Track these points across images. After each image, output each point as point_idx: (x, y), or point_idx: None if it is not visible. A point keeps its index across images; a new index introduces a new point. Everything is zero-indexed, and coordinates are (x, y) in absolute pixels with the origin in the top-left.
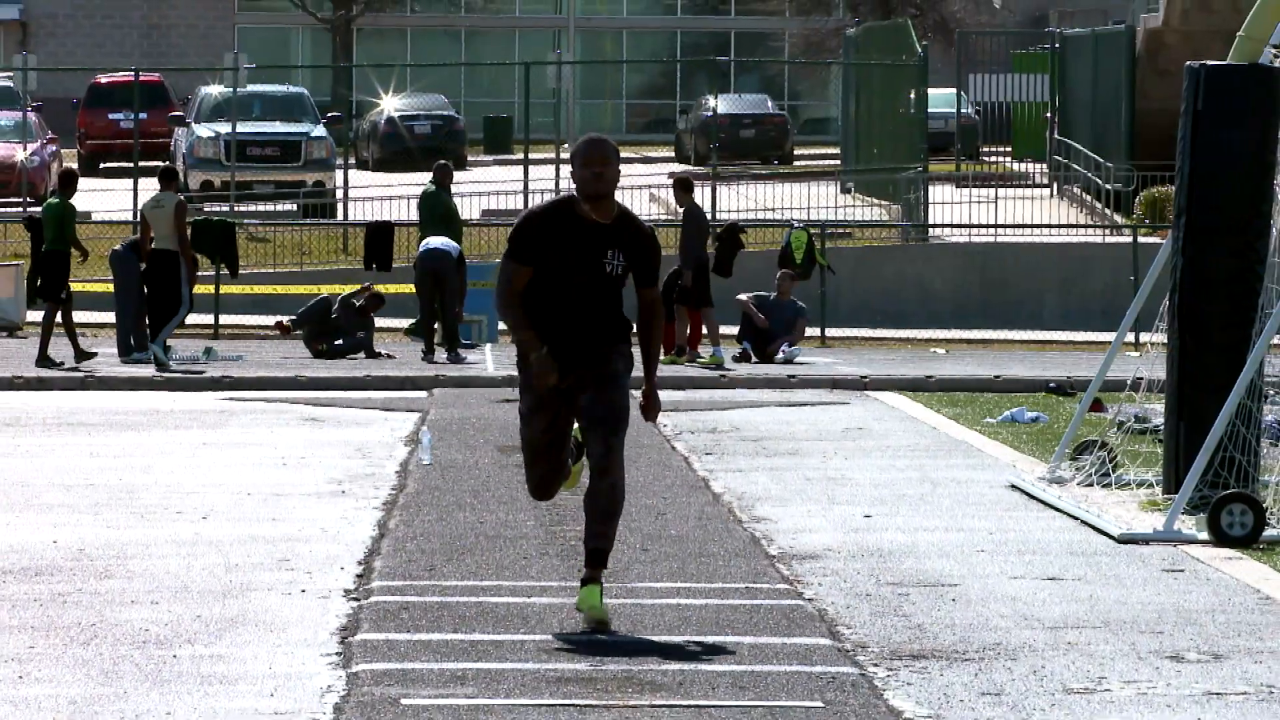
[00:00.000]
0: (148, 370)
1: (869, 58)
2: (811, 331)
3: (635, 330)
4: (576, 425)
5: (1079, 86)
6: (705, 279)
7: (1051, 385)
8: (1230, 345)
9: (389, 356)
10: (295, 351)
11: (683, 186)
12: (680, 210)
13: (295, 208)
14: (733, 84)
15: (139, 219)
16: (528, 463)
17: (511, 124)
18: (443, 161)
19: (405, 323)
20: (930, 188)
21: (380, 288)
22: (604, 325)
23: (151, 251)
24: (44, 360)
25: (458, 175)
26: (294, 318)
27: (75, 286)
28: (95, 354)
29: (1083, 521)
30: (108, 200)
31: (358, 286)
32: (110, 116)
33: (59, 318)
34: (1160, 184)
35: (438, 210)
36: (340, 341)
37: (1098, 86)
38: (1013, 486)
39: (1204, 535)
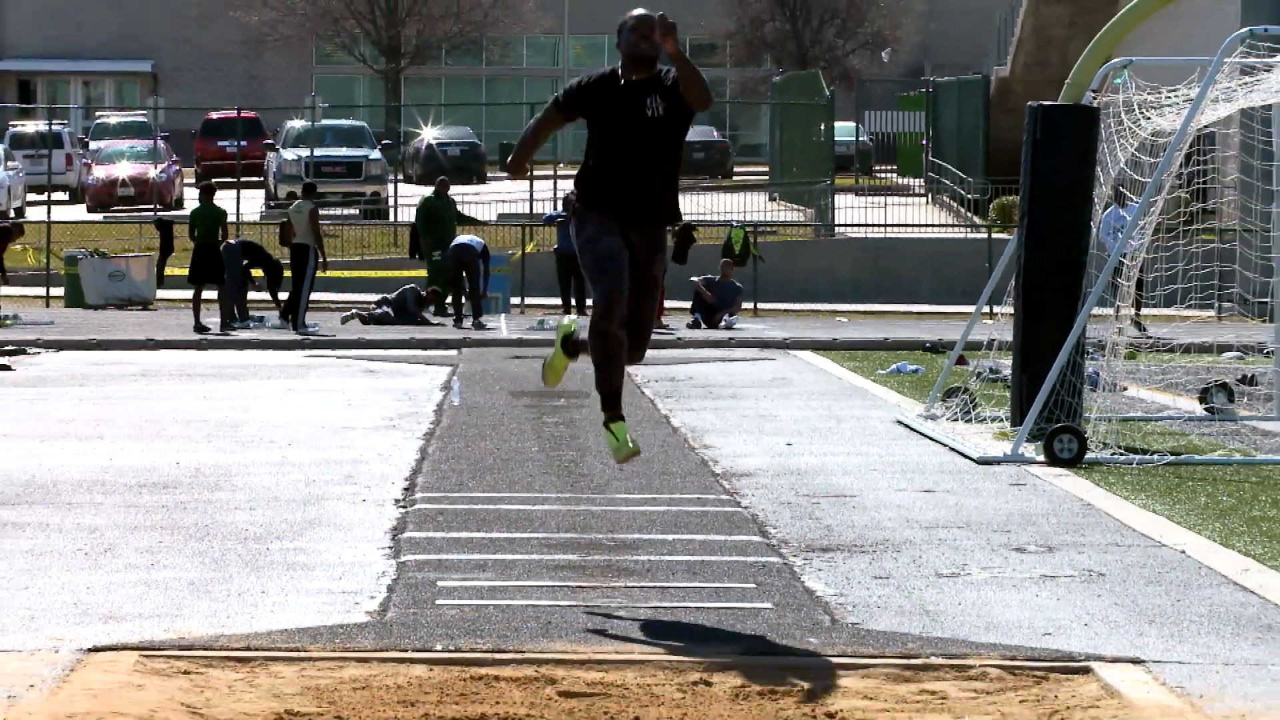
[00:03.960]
0: (246, 334)
1: (789, 99)
2: (747, 305)
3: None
4: (569, 319)
5: (947, 121)
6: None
7: (927, 345)
8: (1060, 315)
9: (429, 323)
10: (356, 321)
11: None
12: None
13: (357, 212)
14: None
15: (286, 220)
16: (597, 272)
17: None
18: (443, 177)
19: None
20: (836, 196)
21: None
22: (655, 179)
23: (293, 245)
24: (232, 325)
25: (479, 188)
26: (385, 308)
27: (184, 272)
28: (209, 328)
29: (950, 448)
30: None
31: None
32: (219, 144)
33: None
34: (1008, 194)
35: (431, 214)
36: (388, 310)
37: (961, 121)
38: (898, 422)
39: (1041, 458)
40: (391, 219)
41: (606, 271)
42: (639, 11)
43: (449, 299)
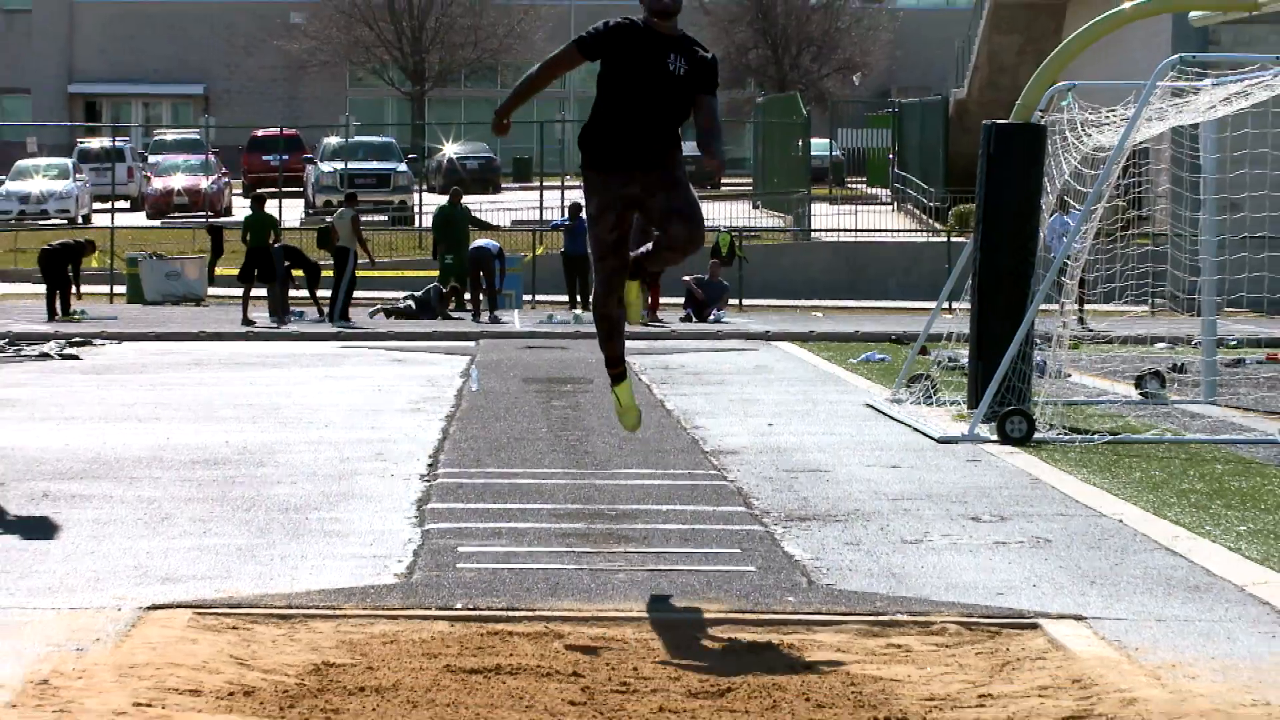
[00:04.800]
0: (290, 328)
1: (770, 118)
2: (733, 301)
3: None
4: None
5: (911, 138)
6: None
7: (893, 337)
8: (1011, 310)
9: (450, 318)
10: (382, 315)
11: None
12: None
13: (386, 218)
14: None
15: (330, 226)
16: (597, 259)
17: (531, 162)
18: (456, 187)
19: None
20: (812, 204)
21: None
22: (663, 129)
23: (336, 248)
24: (280, 319)
25: (493, 197)
26: (409, 301)
27: (236, 272)
28: (254, 322)
29: (914, 428)
30: None
31: (437, 274)
32: (264, 158)
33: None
34: (965, 202)
35: (445, 220)
36: (411, 304)
37: (923, 138)
38: (867, 405)
39: (994, 437)
40: (416, 225)
41: (604, 260)
42: None
43: (468, 296)
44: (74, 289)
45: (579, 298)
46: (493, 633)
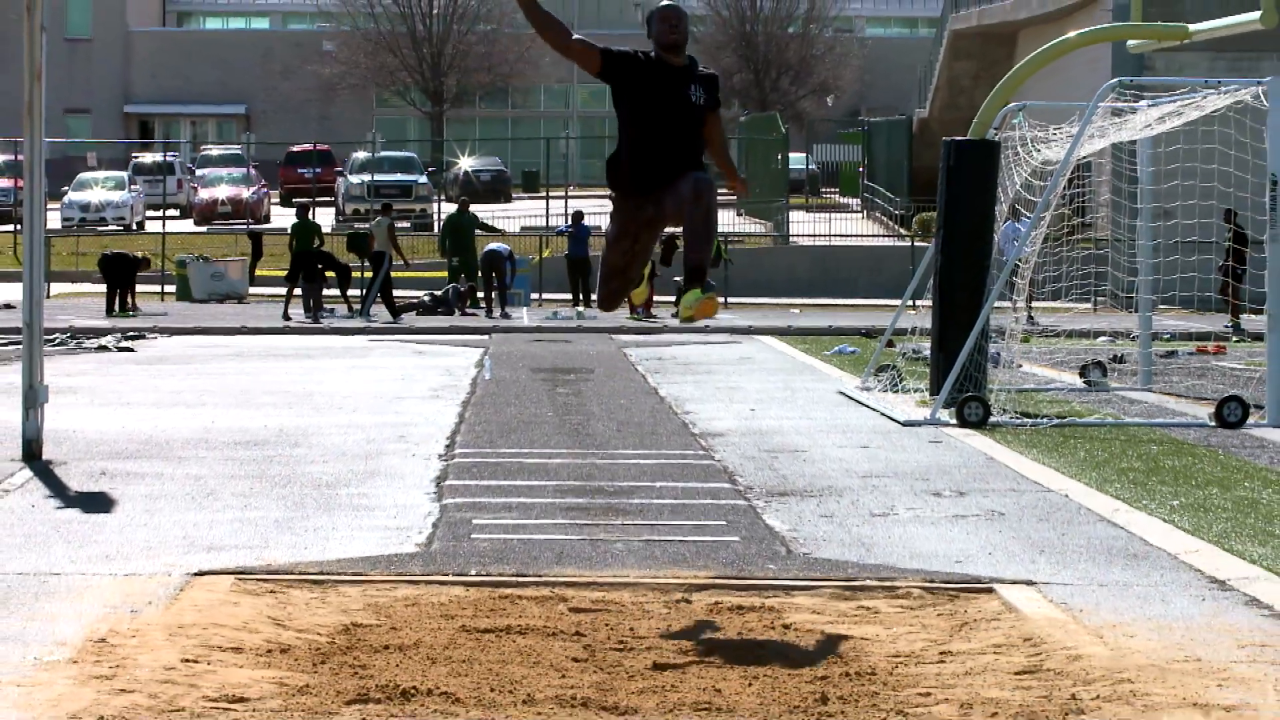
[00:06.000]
0: (324, 323)
1: (753, 134)
2: (719, 299)
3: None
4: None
5: (879, 152)
6: (652, 266)
7: (863, 331)
8: (969, 307)
9: (466, 314)
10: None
11: None
12: None
13: (409, 225)
14: None
15: (368, 232)
16: (603, 278)
17: (539, 175)
18: (463, 197)
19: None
20: (790, 212)
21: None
22: (687, 153)
23: (372, 253)
24: (315, 318)
25: (504, 206)
26: (429, 297)
27: (275, 273)
28: (291, 318)
29: (882, 413)
30: None
31: (452, 274)
32: (299, 171)
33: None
34: (928, 211)
35: (454, 227)
36: (424, 299)
37: (890, 153)
38: (840, 392)
39: (954, 421)
40: (435, 230)
41: (609, 281)
42: (666, 3)
43: (481, 294)
44: (131, 297)
45: (581, 296)
46: (504, 596)
